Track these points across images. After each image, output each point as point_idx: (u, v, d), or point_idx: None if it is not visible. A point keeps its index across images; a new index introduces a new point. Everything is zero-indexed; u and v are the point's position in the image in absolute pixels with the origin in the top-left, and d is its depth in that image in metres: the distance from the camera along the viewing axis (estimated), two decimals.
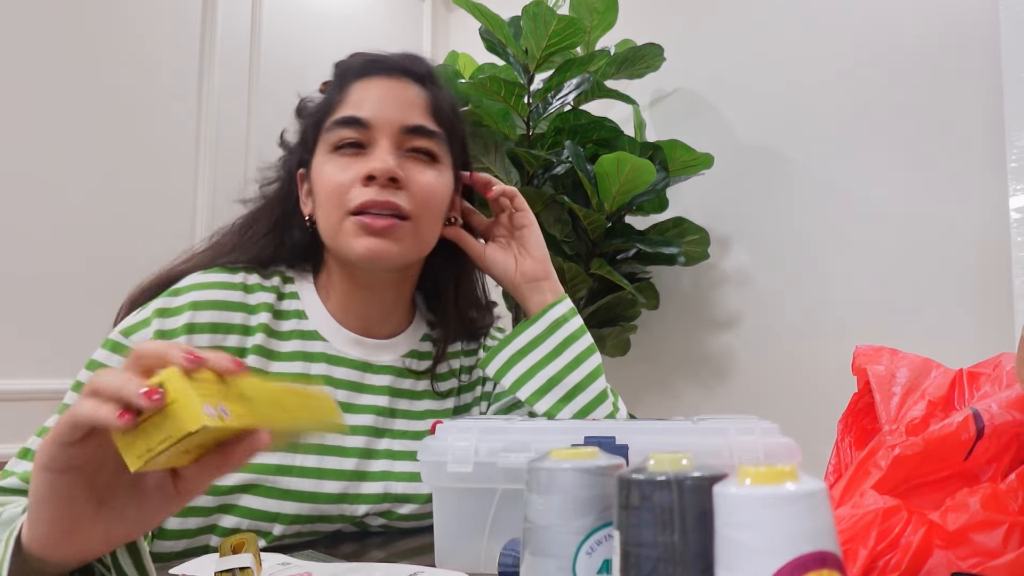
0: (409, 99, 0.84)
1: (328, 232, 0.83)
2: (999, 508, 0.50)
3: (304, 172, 0.87)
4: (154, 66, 2.01)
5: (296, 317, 0.85)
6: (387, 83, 0.84)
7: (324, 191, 0.82)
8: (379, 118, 0.82)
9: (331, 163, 0.82)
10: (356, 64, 0.86)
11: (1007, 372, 0.60)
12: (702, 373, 2.11)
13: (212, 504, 0.77)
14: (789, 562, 0.33)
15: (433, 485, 0.64)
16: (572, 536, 0.42)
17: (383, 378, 0.87)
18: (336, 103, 0.84)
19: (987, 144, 1.69)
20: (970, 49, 1.73)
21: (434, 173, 0.84)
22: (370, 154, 0.81)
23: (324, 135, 0.84)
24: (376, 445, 0.85)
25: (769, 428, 0.63)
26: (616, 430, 0.63)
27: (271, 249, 0.86)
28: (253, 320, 0.82)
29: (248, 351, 0.81)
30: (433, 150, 0.85)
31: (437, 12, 2.81)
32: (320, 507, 0.79)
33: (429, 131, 0.84)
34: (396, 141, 0.82)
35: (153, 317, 0.78)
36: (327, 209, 0.82)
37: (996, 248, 1.67)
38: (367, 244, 0.79)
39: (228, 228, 0.89)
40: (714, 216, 2.09)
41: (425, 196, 0.82)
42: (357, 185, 0.80)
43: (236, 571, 0.54)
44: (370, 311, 0.88)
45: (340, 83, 0.86)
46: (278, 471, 0.78)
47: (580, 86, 1.87)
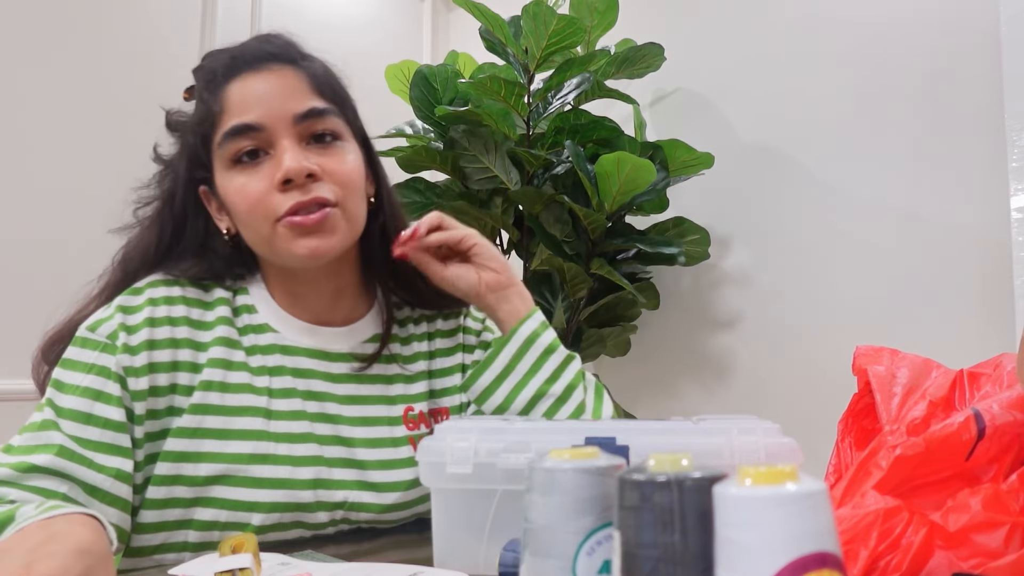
0: (290, 85, 0.80)
1: (259, 242, 0.82)
2: (1000, 509, 0.50)
3: (207, 190, 0.85)
4: (154, 66, 2.01)
5: (247, 312, 0.85)
6: (260, 76, 0.80)
7: (243, 206, 0.79)
8: (269, 117, 0.79)
9: (238, 176, 0.80)
10: (221, 65, 0.81)
11: (1008, 372, 0.60)
12: (702, 373, 2.11)
13: (187, 496, 0.77)
14: (789, 563, 0.33)
15: (432, 486, 0.64)
16: (572, 536, 0.42)
17: (343, 365, 0.86)
18: (217, 113, 0.80)
19: (988, 144, 1.69)
20: (971, 49, 1.73)
21: (343, 152, 0.83)
22: (275, 156, 0.79)
23: (218, 151, 0.80)
24: (349, 433, 0.84)
25: (770, 428, 0.62)
26: (616, 430, 0.63)
27: (200, 269, 0.85)
28: (210, 315, 0.83)
29: (208, 344, 0.81)
30: (332, 128, 0.82)
31: (437, 12, 2.81)
32: (296, 493, 0.79)
33: (321, 110, 0.81)
34: (294, 134, 0.79)
35: (116, 312, 0.78)
36: (252, 222, 0.80)
37: (997, 248, 1.67)
38: (306, 244, 0.79)
39: (118, 264, 0.86)
40: (714, 216, 2.09)
41: (344, 179, 0.81)
42: (275, 192, 0.78)
43: (236, 571, 0.54)
44: (317, 301, 0.87)
45: (211, 89, 0.81)
46: (250, 460, 0.78)
47: (580, 86, 1.87)
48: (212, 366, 0.80)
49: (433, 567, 0.62)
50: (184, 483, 0.77)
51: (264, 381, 0.82)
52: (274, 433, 0.80)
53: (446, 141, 1.95)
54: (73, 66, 1.86)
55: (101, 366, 0.76)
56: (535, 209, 1.90)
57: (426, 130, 2.07)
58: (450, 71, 1.99)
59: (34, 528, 0.58)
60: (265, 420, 0.80)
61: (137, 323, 0.78)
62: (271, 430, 0.80)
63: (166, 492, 0.76)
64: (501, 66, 2.00)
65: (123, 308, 0.79)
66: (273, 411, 0.81)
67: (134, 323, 0.78)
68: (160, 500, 0.77)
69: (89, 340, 0.77)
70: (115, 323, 0.78)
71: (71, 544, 0.54)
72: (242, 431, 0.79)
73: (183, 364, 0.79)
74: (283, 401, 0.82)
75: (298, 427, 0.81)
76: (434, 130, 2.03)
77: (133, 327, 0.78)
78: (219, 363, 0.80)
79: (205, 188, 0.85)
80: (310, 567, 0.61)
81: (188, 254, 0.85)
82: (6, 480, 0.69)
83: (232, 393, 0.80)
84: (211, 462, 0.77)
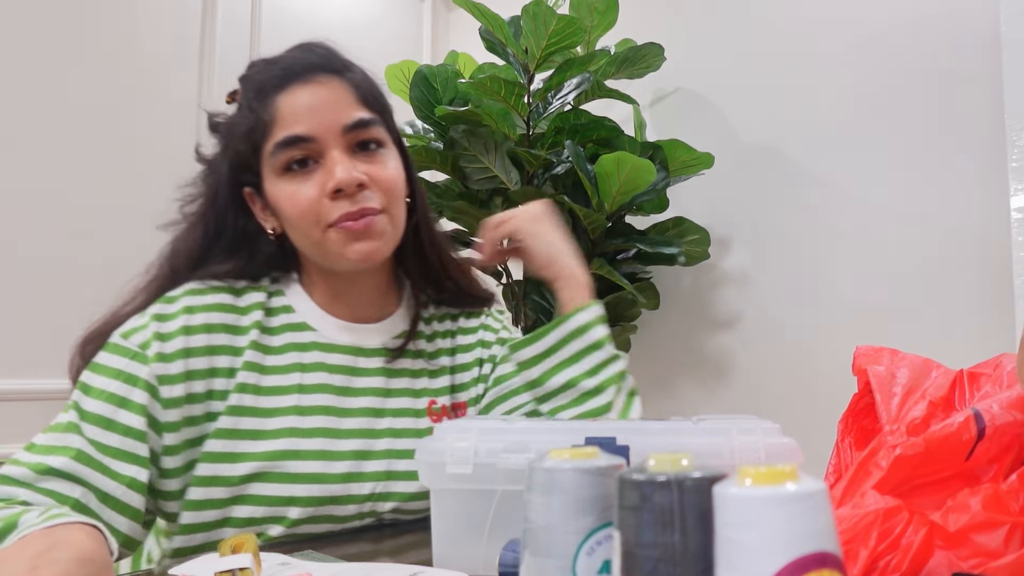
0: (338, 97, 0.84)
1: (309, 246, 0.85)
2: (1000, 508, 0.50)
3: (252, 192, 0.88)
4: (154, 66, 2.01)
5: (284, 312, 0.88)
6: (310, 88, 0.83)
7: (295, 211, 0.83)
8: (320, 128, 0.82)
9: (289, 184, 0.83)
10: (272, 77, 0.84)
11: (1008, 372, 0.60)
12: (702, 373, 2.11)
13: (225, 496, 0.79)
14: (789, 563, 0.33)
15: (432, 486, 0.64)
16: (572, 536, 0.42)
17: (376, 360, 0.90)
18: (268, 123, 0.83)
19: (988, 144, 1.69)
20: (971, 48, 1.73)
21: (388, 161, 0.87)
22: (325, 165, 0.83)
23: (269, 159, 0.83)
24: (377, 425, 0.87)
25: (770, 428, 0.62)
26: (616, 430, 0.63)
27: (242, 266, 0.88)
28: (245, 320, 0.85)
29: (243, 349, 0.83)
30: (377, 137, 0.86)
31: (437, 12, 2.81)
32: (328, 487, 0.82)
33: (367, 121, 0.85)
34: (343, 143, 0.83)
35: (151, 321, 0.80)
36: (303, 227, 0.83)
37: (997, 248, 1.67)
38: (357, 248, 0.83)
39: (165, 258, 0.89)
40: (714, 216, 2.09)
41: (389, 186, 0.85)
42: (325, 200, 0.82)
43: (236, 571, 0.53)
44: (355, 299, 0.90)
45: (261, 99, 0.84)
46: (285, 456, 0.81)
47: (580, 86, 1.87)
48: (247, 369, 0.82)
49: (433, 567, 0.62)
50: (221, 483, 0.79)
51: (295, 378, 0.84)
52: (306, 429, 0.83)
53: (446, 141, 1.95)
54: (73, 66, 1.86)
55: (129, 373, 0.77)
56: None
57: (426, 130, 2.07)
58: (450, 71, 1.99)
59: (37, 536, 0.59)
60: (297, 417, 0.83)
61: (172, 331, 0.80)
62: (303, 426, 0.83)
63: (205, 493, 0.79)
64: (501, 66, 2.00)
65: (158, 316, 0.81)
66: (304, 407, 0.84)
67: (169, 331, 0.80)
68: (200, 501, 0.79)
69: (120, 347, 0.79)
70: (149, 332, 0.79)
71: (73, 552, 0.56)
72: (275, 430, 0.81)
73: (220, 370, 0.81)
74: (314, 396, 0.85)
75: (328, 422, 0.84)
76: (434, 130, 2.03)
77: (167, 335, 0.79)
78: (253, 367, 0.83)
79: (249, 190, 0.88)
80: (310, 567, 0.61)
81: (230, 252, 0.88)
82: (22, 481, 0.70)
83: (265, 395, 0.83)
84: (247, 461, 0.80)
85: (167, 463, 0.78)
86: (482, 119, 1.88)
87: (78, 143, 1.86)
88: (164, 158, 2.02)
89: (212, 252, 0.88)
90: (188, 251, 0.87)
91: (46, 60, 1.82)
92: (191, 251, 0.87)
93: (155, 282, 0.87)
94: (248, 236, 0.89)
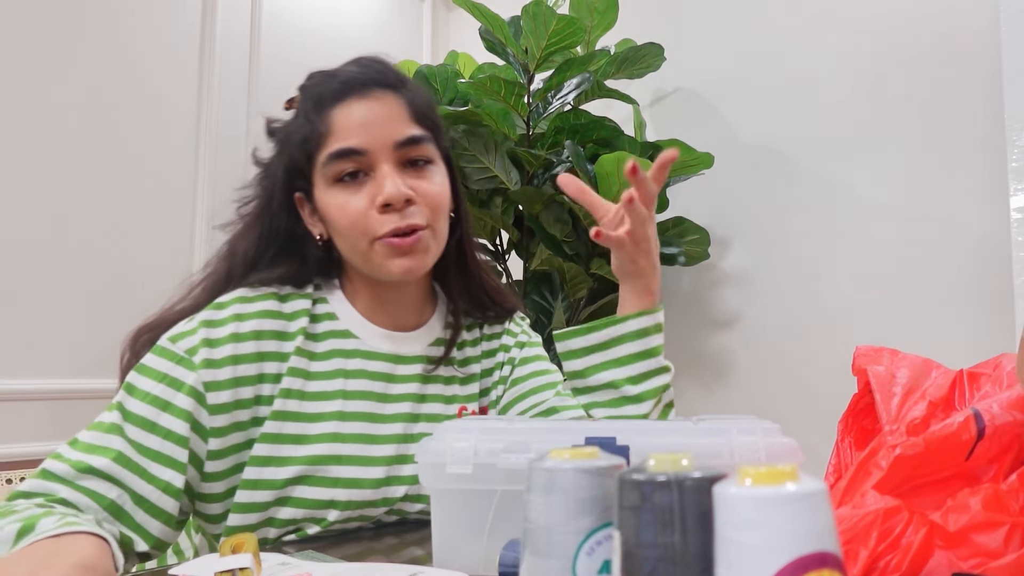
0: (393, 113, 0.86)
1: (355, 256, 0.87)
2: (1000, 509, 0.50)
3: (302, 197, 0.90)
4: (154, 66, 2.01)
5: (328, 319, 0.90)
6: (366, 102, 0.86)
7: (344, 222, 0.85)
8: (373, 142, 0.84)
9: (340, 194, 0.85)
10: (330, 89, 0.87)
11: (1007, 372, 0.60)
12: (702, 373, 2.11)
13: (269, 499, 0.81)
14: (789, 562, 0.33)
15: (432, 486, 0.64)
16: (572, 536, 0.42)
17: (413, 367, 0.92)
18: (323, 135, 0.86)
19: (988, 143, 1.69)
20: (970, 48, 1.73)
21: (435, 177, 0.89)
22: (375, 179, 0.85)
23: (322, 169, 0.86)
24: (413, 430, 0.89)
25: (770, 428, 0.62)
26: (617, 431, 0.63)
27: (293, 270, 0.90)
28: (292, 326, 0.86)
29: (289, 355, 0.85)
30: (427, 154, 0.88)
31: (437, 12, 2.81)
32: (366, 492, 0.84)
33: (419, 138, 0.87)
34: (394, 159, 0.85)
35: (200, 327, 0.81)
36: (350, 238, 0.86)
37: (997, 248, 1.67)
38: (401, 264, 0.85)
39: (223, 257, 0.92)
40: (714, 216, 2.09)
41: (436, 203, 0.87)
42: (374, 213, 0.84)
43: (236, 571, 0.54)
44: (396, 308, 0.93)
45: (317, 110, 0.87)
46: (327, 461, 0.83)
47: (580, 86, 1.87)
48: (292, 375, 0.84)
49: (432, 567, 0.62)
50: (266, 487, 0.81)
51: (338, 384, 0.86)
52: (347, 435, 0.85)
53: (446, 141, 1.95)
54: (73, 66, 1.86)
55: (174, 378, 0.79)
56: (535, 209, 1.90)
57: None
58: (450, 71, 1.99)
59: (42, 543, 0.61)
60: (339, 423, 0.85)
61: (221, 337, 0.81)
62: (344, 432, 0.85)
63: (250, 496, 0.81)
64: (501, 66, 2.00)
65: (207, 323, 0.82)
66: (347, 413, 0.86)
67: (218, 337, 0.81)
68: (245, 504, 0.81)
69: (167, 351, 0.80)
70: (197, 338, 0.80)
71: (75, 558, 0.58)
72: (319, 435, 0.83)
73: (268, 376, 0.83)
74: (356, 403, 0.87)
75: (369, 428, 0.86)
76: None
77: (217, 341, 0.81)
78: (298, 372, 0.84)
79: (300, 195, 0.90)
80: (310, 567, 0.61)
81: (282, 256, 0.90)
82: (62, 477, 0.72)
83: (309, 400, 0.84)
84: (291, 465, 0.82)
85: (212, 467, 0.80)
86: (482, 119, 1.88)
87: (77, 144, 1.86)
88: (164, 159, 2.02)
89: (267, 254, 0.90)
90: (245, 251, 0.90)
91: (45, 61, 1.82)
92: (248, 251, 0.90)
93: (211, 278, 0.90)
94: (298, 240, 0.91)
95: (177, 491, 0.76)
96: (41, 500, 0.71)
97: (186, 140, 2.07)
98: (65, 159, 1.84)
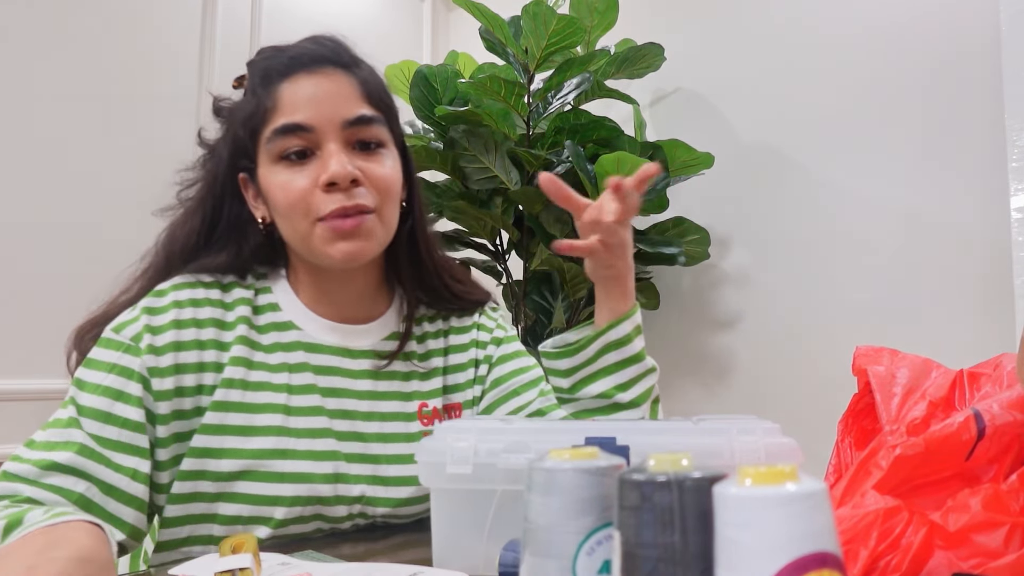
0: (342, 91, 0.83)
1: (295, 238, 0.84)
2: (1000, 509, 0.50)
3: (246, 177, 0.87)
4: (154, 65, 2.01)
5: (270, 310, 0.87)
6: (315, 78, 0.82)
7: (285, 202, 0.81)
8: (320, 119, 0.81)
9: (282, 172, 0.82)
10: (278, 64, 0.83)
11: (1008, 372, 0.60)
12: (702, 373, 2.11)
13: (212, 491, 0.79)
14: (789, 563, 0.33)
15: (432, 486, 0.64)
16: (572, 536, 0.42)
17: (363, 362, 0.88)
18: (269, 109, 0.82)
19: (988, 144, 1.69)
20: (970, 49, 1.73)
21: (385, 161, 0.85)
22: (321, 157, 0.81)
23: (266, 145, 0.82)
24: (365, 428, 0.86)
25: (770, 428, 0.62)
26: (616, 431, 0.63)
27: (232, 258, 0.86)
28: (231, 315, 0.84)
29: (230, 344, 0.82)
30: (377, 136, 0.85)
31: (437, 12, 2.81)
32: (315, 487, 0.81)
33: (369, 118, 0.83)
34: (342, 138, 0.82)
35: (142, 314, 0.80)
36: (292, 219, 0.82)
37: (997, 248, 1.67)
38: (343, 248, 0.81)
39: (162, 245, 0.89)
40: (714, 216, 2.09)
41: (384, 187, 0.84)
42: (318, 192, 0.80)
43: (236, 571, 0.54)
44: (342, 299, 0.89)
45: (265, 85, 0.83)
46: (272, 455, 0.80)
47: (580, 86, 1.87)
48: (233, 364, 0.81)
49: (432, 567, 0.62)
50: (208, 478, 0.78)
51: (283, 378, 0.83)
52: (293, 429, 0.82)
53: (446, 141, 1.95)
54: (73, 65, 1.86)
55: (123, 366, 0.77)
56: (535, 209, 1.90)
57: (426, 130, 2.07)
58: (450, 71, 1.99)
59: (36, 534, 0.59)
60: (284, 416, 0.82)
61: (163, 324, 0.79)
62: (291, 426, 0.82)
63: (191, 487, 0.78)
64: (501, 66, 2.00)
65: (148, 310, 0.80)
66: (292, 407, 0.83)
67: (159, 324, 0.79)
68: (185, 495, 0.79)
69: (112, 341, 0.79)
70: (140, 325, 0.79)
71: (72, 551, 0.56)
72: (263, 427, 0.81)
73: (208, 365, 0.81)
74: (302, 397, 0.83)
75: (317, 423, 0.83)
76: (434, 130, 2.03)
77: (158, 328, 0.79)
78: (240, 361, 0.82)
79: (244, 176, 0.87)
80: (310, 567, 0.61)
81: (224, 243, 0.87)
82: (25, 477, 0.70)
83: (252, 391, 0.82)
84: (234, 458, 0.79)
85: (159, 455, 0.78)
86: (482, 119, 1.88)
87: (77, 142, 1.86)
88: (164, 158, 2.02)
89: (208, 241, 0.87)
90: (185, 238, 0.87)
91: (44, 58, 1.82)
92: (188, 238, 0.86)
93: (150, 270, 0.87)
94: (240, 226, 0.87)
95: (145, 476, 0.75)
96: (6, 503, 0.68)
97: (186, 140, 2.07)
98: (64, 158, 1.84)
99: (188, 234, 0.87)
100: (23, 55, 1.78)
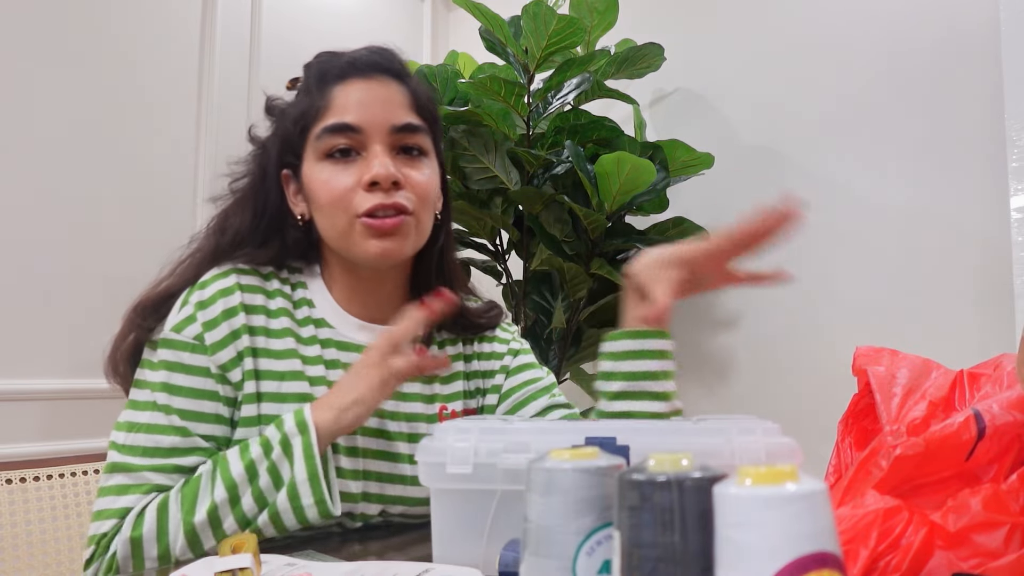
0: (392, 98, 0.87)
1: (334, 235, 0.86)
2: (1000, 509, 0.50)
3: (289, 174, 0.90)
4: (154, 66, 2.01)
5: (306, 305, 0.89)
6: (368, 84, 0.86)
7: (327, 197, 0.84)
8: (369, 122, 0.84)
9: (327, 169, 0.85)
10: (334, 67, 0.87)
11: (1008, 373, 0.60)
12: (702, 373, 2.11)
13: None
14: (789, 563, 0.33)
15: (432, 486, 0.64)
16: (572, 536, 0.42)
17: None
18: (320, 109, 0.86)
19: (988, 144, 1.69)
20: (971, 49, 1.73)
21: (425, 168, 0.88)
22: (366, 158, 0.84)
23: (314, 142, 0.86)
24: (390, 427, 0.89)
25: (770, 428, 0.62)
26: (617, 431, 0.63)
27: (273, 253, 0.89)
28: (273, 304, 0.86)
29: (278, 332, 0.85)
30: (421, 145, 0.88)
31: (437, 12, 2.81)
32: (345, 483, 0.84)
33: (416, 127, 0.87)
34: (387, 142, 0.85)
35: (196, 311, 0.82)
36: (332, 214, 0.85)
37: (997, 248, 1.67)
38: (379, 245, 0.84)
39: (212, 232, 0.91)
40: (714, 216, 2.09)
41: (422, 192, 0.87)
42: (360, 190, 0.83)
43: (236, 571, 0.54)
44: (373, 299, 0.92)
45: (319, 86, 0.87)
46: None
47: (580, 86, 1.87)
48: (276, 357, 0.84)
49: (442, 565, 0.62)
50: None
51: (319, 371, 0.86)
52: None
53: (446, 141, 1.95)
54: (74, 65, 1.86)
55: (198, 366, 0.81)
56: (535, 209, 1.90)
57: None
58: (450, 71, 1.99)
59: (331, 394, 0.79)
60: None
61: (216, 317, 0.82)
62: None
63: None
64: (501, 66, 2.00)
65: (200, 304, 0.83)
66: None
67: (213, 317, 0.82)
68: None
69: (177, 341, 0.82)
70: (197, 326, 0.82)
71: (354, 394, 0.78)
72: None
73: (261, 351, 0.84)
74: None
75: None
76: None
77: (212, 322, 0.82)
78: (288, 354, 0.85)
79: (287, 172, 0.90)
80: (310, 567, 0.61)
81: (268, 235, 0.90)
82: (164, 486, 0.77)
83: (288, 381, 0.84)
84: None
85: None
86: (482, 119, 1.88)
87: (77, 144, 1.86)
88: (163, 159, 2.02)
89: (256, 232, 0.90)
90: (236, 228, 0.89)
91: (43, 57, 1.82)
92: (239, 229, 0.89)
93: (198, 254, 0.90)
94: (282, 219, 0.90)
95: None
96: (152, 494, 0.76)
97: (187, 140, 2.07)
98: (63, 158, 1.84)
99: (239, 225, 0.90)
100: (20, 55, 1.78)
